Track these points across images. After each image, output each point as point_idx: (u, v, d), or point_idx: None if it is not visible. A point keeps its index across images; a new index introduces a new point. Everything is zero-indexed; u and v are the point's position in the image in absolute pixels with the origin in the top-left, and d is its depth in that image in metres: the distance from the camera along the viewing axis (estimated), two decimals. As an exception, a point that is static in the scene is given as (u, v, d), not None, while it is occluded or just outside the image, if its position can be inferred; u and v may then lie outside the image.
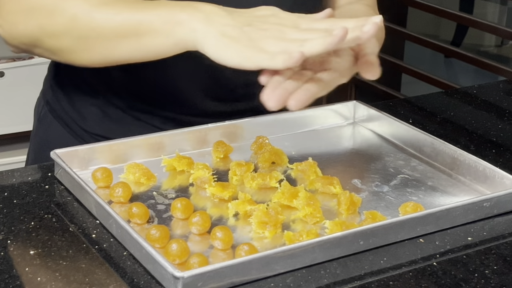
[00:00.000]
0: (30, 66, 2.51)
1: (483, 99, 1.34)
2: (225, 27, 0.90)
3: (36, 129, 1.23)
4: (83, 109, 1.15)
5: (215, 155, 1.07)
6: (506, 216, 0.94)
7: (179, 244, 0.82)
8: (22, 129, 2.52)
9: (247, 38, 0.89)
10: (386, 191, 1.00)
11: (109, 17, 0.96)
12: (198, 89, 1.12)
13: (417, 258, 0.86)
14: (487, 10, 4.46)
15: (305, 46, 0.86)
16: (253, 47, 0.88)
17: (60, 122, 1.17)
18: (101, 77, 1.12)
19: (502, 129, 1.21)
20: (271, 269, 0.81)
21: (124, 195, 0.94)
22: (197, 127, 1.08)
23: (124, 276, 0.81)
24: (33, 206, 0.94)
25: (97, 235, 0.88)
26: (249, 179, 0.99)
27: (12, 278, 0.80)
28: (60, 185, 0.98)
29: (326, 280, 0.81)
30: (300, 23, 0.91)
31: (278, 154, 1.06)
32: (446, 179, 1.03)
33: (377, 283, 0.81)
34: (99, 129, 1.14)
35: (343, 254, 0.85)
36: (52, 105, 1.19)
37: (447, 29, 4.22)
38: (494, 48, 4.44)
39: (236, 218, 0.92)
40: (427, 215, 0.89)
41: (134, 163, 1.00)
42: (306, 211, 0.91)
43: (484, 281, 0.82)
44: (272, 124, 1.13)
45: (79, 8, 0.97)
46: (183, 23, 0.91)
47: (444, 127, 1.21)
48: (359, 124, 1.19)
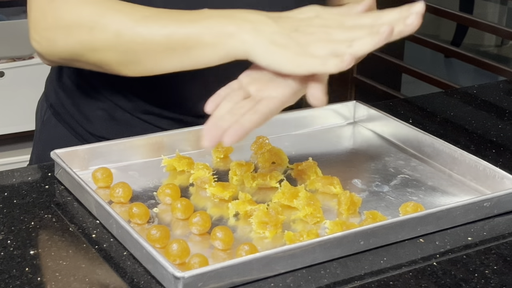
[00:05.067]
0: (30, 66, 2.51)
1: (483, 99, 1.34)
2: (274, 35, 0.90)
3: (40, 132, 1.22)
4: (88, 112, 1.15)
5: (215, 155, 1.07)
6: (506, 216, 0.94)
7: (180, 244, 0.82)
8: (22, 129, 2.52)
9: (296, 44, 0.89)
10: (386, 191, 1.00)
11: (155, 31, 0.95)
12: (203, 91, 1.12)
13: (417, 258, 0.86)
14: (487, 10, 4.46)
15: (353, 47, 0.86)
16: (303, 53, 0.88)
17: (65, 125, 1.17)
18: (106, 80, 1.12)
19: (502, 129, 1.21)
20: (272, 269, 0.81)
21: (124, 195, 0.94)
22: (197, 127, 1.08)
23: (124, 276, 0.81)
24: (33, 206, 0.94)
25: (97, 235, 0.88)
26: (249, 179, 0.99)
27: (12, 278, 0.80)
28: (60, 185, 0.98)
29: (326, 280, 0.81)
30: (345, 21, 0.91)
31: (278, 154, 1.06)
32: (446, 179, 1.03)
33: (377, 283, 0.81)
34: (105, 132, 1.14)
35: (343, 254, 0.85)
36: (56, 108, 1.18)
37: (447, 29, 4.22)
38: (494, 48, 4.44)
39: (236, 218, 0.92)
40: (427, 215, 0.89)
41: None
42: (307, 211, 0.91)
43: (484, 281, 0.82)
44: (272, 124, 1.12)
45: (121, 23, 0.96)
46: (232, 35, 0.91)
47: (444, 127, 1.21)
48: (359, 124, 1.19)
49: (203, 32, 0.93)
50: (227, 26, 0.92)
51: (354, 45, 0.87)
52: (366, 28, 0.88)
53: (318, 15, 0.93)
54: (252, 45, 0.90)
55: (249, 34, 0.91)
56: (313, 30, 0.90)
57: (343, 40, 0.88)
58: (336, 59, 0.86)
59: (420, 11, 0.88)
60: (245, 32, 0.91)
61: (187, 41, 0.94)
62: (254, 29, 0.91)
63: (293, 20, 0.92)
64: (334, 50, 0.87)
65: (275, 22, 0.91)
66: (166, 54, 0.96)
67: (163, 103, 1.12)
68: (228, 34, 0.92)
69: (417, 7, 0.88)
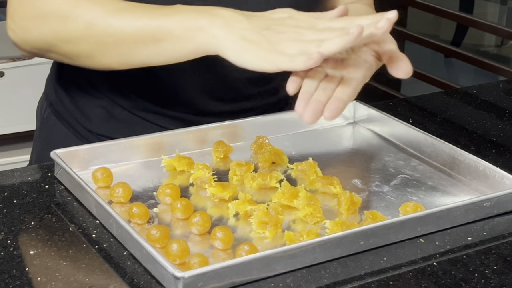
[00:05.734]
0: (30, 66, 2.51)
1: (483, 99, 1.34)
2: (245, 31, 0.91)
3: (40, 130, 1.23)
4: (87, 110, 1.15)
5: (215, 155, 1.07)
6: (506, 216, 0.94)
7: (180, 244, 0.82)
8: (22, 129, 2.52)
9: (266, 42, 0.90)
10: (386, 191, 1.00)
11: (126, 23, 0.96)
12: (202, 89, 1.12)
13: (417, 258, 0.86)
14: (487, 10, 4.46)
15: (323, 46, 0.87)
16: (273, 50, 0.89)
17: (64, 124, 1.17)
18: (106, 78, 1.12)
19: (502, 129, 1.21)
20: (272, 269, 0.81)
21: (124, 195, 0.94)
22: (197, 127, 1.09)
23: (124, 276, 0.81)
24: (33, 206, 0.94)
25: (97, 235, 0.88)
26: (249, 179, 0.99)
27: (12, 278, 0.80)
28: (60, 185, 0.98)
29: (326, 280, 0.81)
30: (317, 23, 0.92)
31: (278, 154, 1.06)
32: (446, 179, 1.03)
33: (377, 283, 0.81)
34: (104, 130, 1.14)
35: (343, 254, 0.85)
36: (56, 107, 1.19)
37: (447, 29, 4.22)
38: (494, 48, 4.43)
39: (236, 218, 0.92)
40: (428, 215, 0.89)
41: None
42: (307, 211, 0.91)
43: (484, 281, 0.82)
44: (272, 124, 1.13)
45: (94, 14, 0.97)
46: (203, 29, 0.92)
47: (444, 127, 1.21)
48: (359, 124, 1.19)
49: (174, 26, 0.94)
50: (198, 20, 0.93)
51: (324, 45, 0.87)
52: (337, 31, 0.89)
53: (291, 16, 0.94)
54: (222, 40, 0.91)
55: (219, 29, 0.91)
56: (285, 30, 0.91)
57: (313, 40, 0.89)
58: (304, 56, 0.87)
59: (392, 17, 0.89)
60: (216, 27, 0.91)
61: (157, 34, 0.94)
62: (225, 25, 0.91)
63: (265, 19, 0.93)
64: (304, 49, 0.88)
65: (247, 20, 0.92)
66: (136, 47, 0.96)
67: (161, 101, 1.12)
68: (198, 28, 0.92)
69: (390, 14, 0.89)
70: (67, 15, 0.98)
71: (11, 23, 1.04)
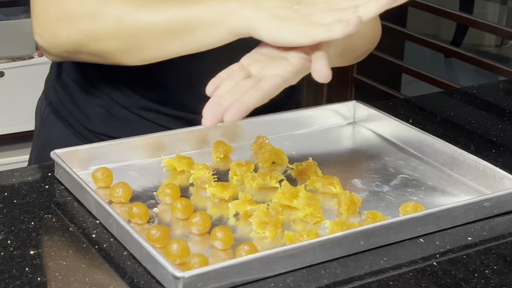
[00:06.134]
0: (30, 66, 2.51)
1: (483, 99, 1.34)
2: (276, 9, 0.90)
3: (39, 130, 1.23)
4: (87, 109, 1.15)
5: (215, 155, 1.07)
6: (506, 216, 0.94)
7: (180, 244, 0.82)
8: (22, 129, 2.52)
9: (299, 15, 0.88)
10: (386, 191, 1.00)
11: (156, 16, 0.95)
12: (201, 89, 1.12)
13: (417, 258, 0.86)
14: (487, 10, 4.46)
15: (360, 11, 0.86)
16: (307, 23, 0.88)
17: (63, 123, 1.17)
18: (105, 77, 1.12)
19: (502, 129, 1.21)
20: (272, 269, 0.81)
21: (124, 195, 0.94)
22: (197, 127, 1.09)
23: (124, 276, 0.81)
24: (33, 206, 0.94)
25: (97, 235, 0.88)
26: (249, 179, 0.99)
27: (12, 278, 0.80)
28: (60, 185, 0.98)
29: (326, 280, 0.81)
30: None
31: (278, 154, 1.06)
32: (446, 179, 1.03)
33: (377, 283, 0.81)
34: (103, 129, 1.14)
35: (343, 254, 0.85)
36: (55, 106, 1.19)
37: (447, 29, 4.22)
38: (494, 48, 4.44)
39: (236, 218, 0.92)
40: (428, 215, 0.89)
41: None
42: (307, 211, 0.91)
43: (484, 281, 0.82)
44: (272, 124, 1.13)
45: (122, 10, 0.96)
46: (234, 12, 0.91)
47: (444, 127, 1.21)
48: (359, 124, 1.19)
49: (205, 12, 0.93)
50: (228, 4, 0.92)
51: (360, 10, 0.86)
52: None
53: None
54: (255, 20, 0.90)
55: (250, 10, 0.91)
56: (316, 1, 0.90)
57: (347, 8, 0.87)
58: (342, 24, 0.85)
59: None
60: (247, 8, 0.91)
61: (189, 23, 0.94)
62: (255, 4, 0.91)
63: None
64: (340, 17, 0.86)
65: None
66: (168, 38, 0.96)
67: (161, 100, 1.12)
68: (229, 12, 0.92)
69: None
70: (95, 14, 0.97)
71: (37, 27, 1.02)
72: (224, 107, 0.84)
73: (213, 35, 0.94)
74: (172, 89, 1.12)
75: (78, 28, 0.99)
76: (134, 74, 1.09)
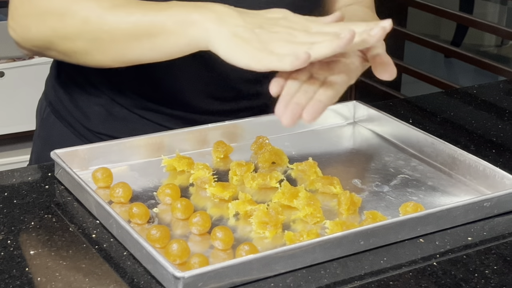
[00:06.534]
0: (30, 66, 2.51)
1: (483, 99, 1.34)
2: (237, 28, 0.90)
3: (39, 130, 1.23)
4: (86, 109, 1.15)
5: (215, 155, 1.07)
6: (506, 216, 0.94)
7: (180, 244, 0.82)
8: (23, 129, 2.52)
9: (257, 40, 0.89)
10: (386, 191, 1.00)
11: (121, 19, 0.96)
12: (201, 88, 1.12)
13: (417, 258, 0.86)
14: (487, 10, 4.46)
15: (313, 48, 0.87)
16: (263, 49, 0.89)
17: (63, 123, 1.17)
18: (105, 77, 1.12)
19: (502, 129, 1.21)
20: (272, 269, 0.81)
21: (124, 195, 0.94)
22: (197, 127, 1.09)
23: (124, 276, 0.81)
24: (33, 206, 0.94)
25: (97, 235, 0.88)
26: (249, 179, 0.99)
27: (12, 278, 0.80)
28: (60, 185, 0.98)
29: (326, 280, 0.81)
30: (310, 26, 0.92)
31: (278, 154, 1.06)
32: (446, 179, 1.03)
33: (377, 283, 0.81)
34: (103, 128, 1.14)
35: (343, 254, 0.85)
36: (55, 106, 1.19)
37: (447, 29, 4.22)
38: (494, 48, 4.44)
39: (236, 218, 0.92)
40: (428, 215, 0.89)
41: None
42: (307, 211, 0.91)
43: (484, 281, 0.82)
44: (272, 124, 1.13)
45: (90, 11, 0.97)
46: (195, 23, 0.92)
47: (444, 127, 1.21)
48: (359, 124, 1.19)
49: (167, 20, 0.94)
50: (191, 15, 0.93)
51: (314, 47, 0.87)
52: (329, 35, 0.89)
53: (286, 17, 0.94)
54: (214, 34, 0.91)
55: (212, 23, 0.91)
56: (277, 30, 0.91)
57: (304, 42, 0.89)
58: (292, 57, 0.86)
59: (387, 26, 0.88)
60: (209, 21, 0.91)
61: (151, 29, 0.95)
62: (218, 19, 0.91)
63: (260, 18, 0.93)
64: (294, 50, 0.88)
65: (241, 16, 0.92)
66: (130, 43, 0.97)
67: (160, 99, 1.12)
68: (191, 22, 0.92)
69: (385, 22, 0.89)
70: (65, 12, 0.99)
71: (11, 21, 1.04)
72: (302, 105, 0.86)
73: (172, 44, 0.95)
74: (172, 89, 1.12)
75: (48, 25, 1.00)
76: (134, 74, 1.09)
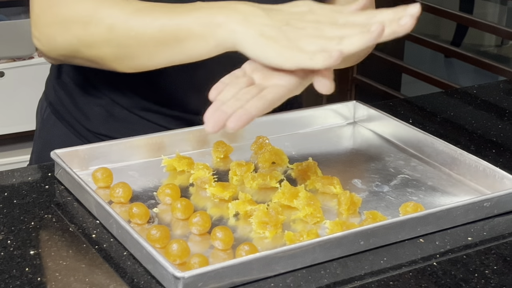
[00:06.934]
0: (30, 66, 2.51)
1: (483, 99, 1.34)
2: (264, 27, 0.89)
3: (39, 130, 1.23)
4: (87, 109, 1.15)
5: (215, 155, 1.07)
6: (506, 216, 0.94)
7: (180, 244, 0.82)
8: (23, 129, 2.52)
9: (285, 38, 0.88)
10: (386, 191, 1.00)
11: (147, 24, 0.95)
12: (201, 89, 1.12)
13: (417, 258, 0.86)
14: (487, 10, 4.46)
15: (343, 44, 0.85)
16: (292, 47, 0.87)
17: (64, 123, 1.17)
18: (105, 77, 1.12)
19: (502, 129, 1.21)
20: (272, 269, 0.81)
21: (124, 195, 0.94)
22: (197, 127, 1.09)
23: (124, 276, 0.81)
24: (33, 206, 0.94)
25: (97, 235, 0.88)
26: (249, 179, 0.99)
27: (12, 278, 0.80)
28: (60, 185, 0.98)
29: (326, 280, 0.81)
30: (337, 18, 0.90)
31: (278, 154, 1.06)
32: (446, 179, 1.03)
33: (377, 283, 0.81)
34: (103, 129, 1.14)
35: (343, 254, 0.85)
36: (55, 106, 1.19)
37: (447, 29, 4.22)
38: (494, 48, 4.44)
39: (236, 218, 0.92)
40: (428, 215, 0.89)
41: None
42: (307, 211, 0.91)
43: (484, 281, 0.82)
44: (272, 124, 1.13)
45: (115, 17, 0.96)
46: (221, 25, 0.91)
47: (444, 127, 1.21)
48: (359, 124, 1.19)
49: (193, 23, 0.93)
50: (216, 16, 0.91)
51: (344, 43, 0.86)
52: (358, 27, 0.87)
53: (311, 10, 0.92)
54: (241, 36, 0.89)
55: (238, 24, 0.90)
56: (304, 25, 0.89)
57: (333, 37, 0.87)
58: (324, 54, 0.85)
59: (415, 13, 0.86)
60: (235, 22, 0.90)
61: (178, 33, 0.94)
62: (244, 20, 0.90)
63: (285, 13, 0.92)
64: (324, 46, 0.86)
65: (267, 14, 0.90)
66: (158, 48, 0.96)
67: (161, 100, 1.12)
68: (217, 24, 0.91)
69: (413, 9, 0.86)
70: (89, 20, 0.98)
71: (35, 31, 1.03)
72: (228, 113, 0.83)
73: (201, 46, 0.93)
74: (173, 90, 1.12)
75: (72, 33, 0.99)
76: (134, 75, 1.09)
